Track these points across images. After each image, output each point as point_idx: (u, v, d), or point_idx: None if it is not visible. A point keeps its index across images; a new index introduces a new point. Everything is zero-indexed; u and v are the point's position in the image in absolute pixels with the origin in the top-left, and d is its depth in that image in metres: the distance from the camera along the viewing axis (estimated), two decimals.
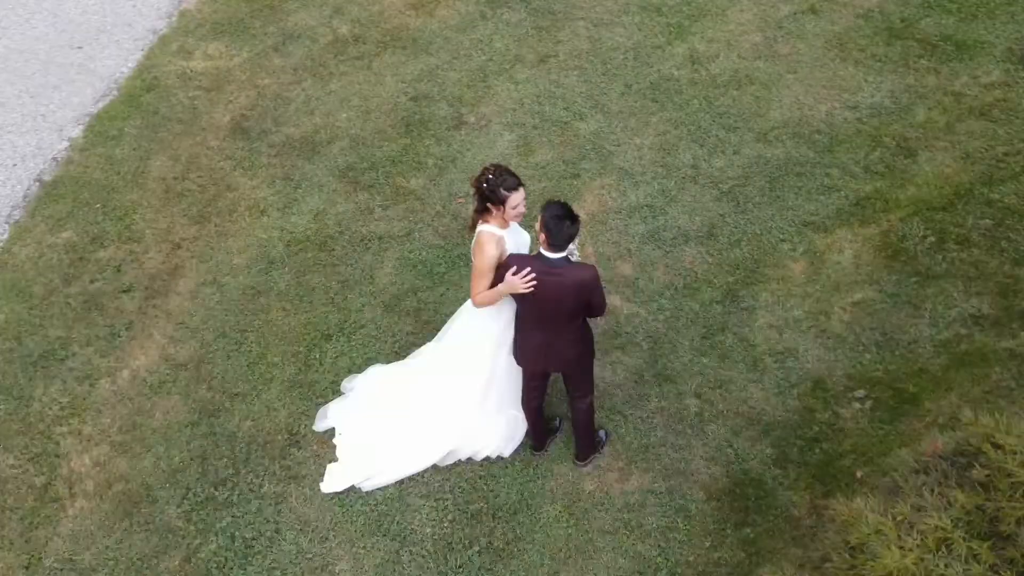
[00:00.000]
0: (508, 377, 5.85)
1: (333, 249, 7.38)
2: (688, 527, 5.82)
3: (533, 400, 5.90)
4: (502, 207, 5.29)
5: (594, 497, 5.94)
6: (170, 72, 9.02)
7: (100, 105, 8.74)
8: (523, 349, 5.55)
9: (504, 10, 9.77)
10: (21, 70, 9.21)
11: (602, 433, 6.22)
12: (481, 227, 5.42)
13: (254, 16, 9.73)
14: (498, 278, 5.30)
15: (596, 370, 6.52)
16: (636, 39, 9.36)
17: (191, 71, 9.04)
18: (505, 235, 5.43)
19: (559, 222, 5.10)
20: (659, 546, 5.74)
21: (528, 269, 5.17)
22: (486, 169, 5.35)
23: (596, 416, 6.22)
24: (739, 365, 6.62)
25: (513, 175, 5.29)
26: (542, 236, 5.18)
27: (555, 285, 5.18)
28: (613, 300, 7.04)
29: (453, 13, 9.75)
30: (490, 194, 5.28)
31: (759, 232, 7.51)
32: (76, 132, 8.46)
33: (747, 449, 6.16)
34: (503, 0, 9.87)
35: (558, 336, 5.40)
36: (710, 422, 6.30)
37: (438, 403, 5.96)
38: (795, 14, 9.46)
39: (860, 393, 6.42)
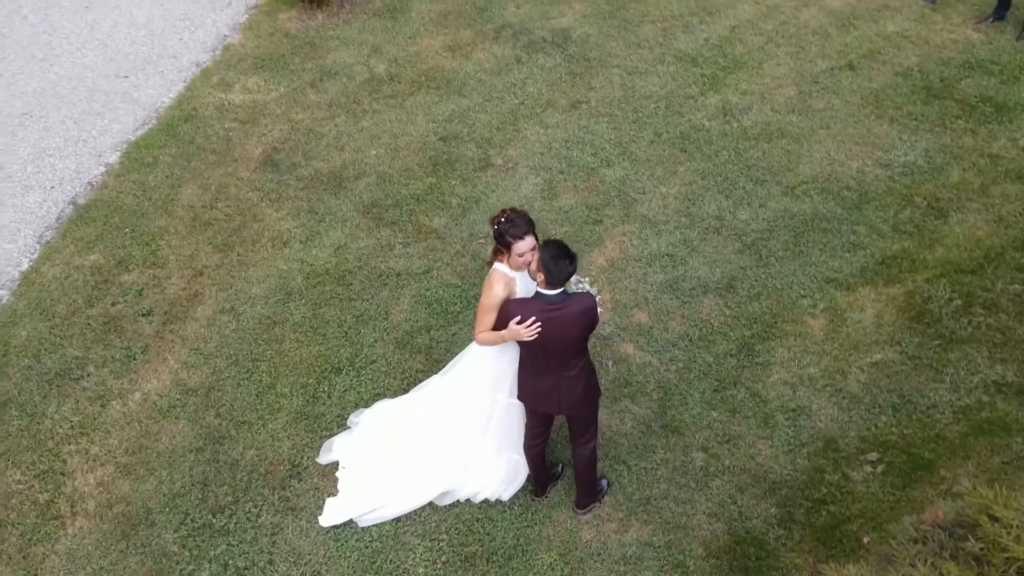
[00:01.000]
0: (509, 419, 5.81)
1: (351, 283, 7.43)
2: None
3: (536, 445, 5.84)
4: (508, 252, 5.28)
5: (591, 547, 5.84)
6: (208, 103, 9.23)
7: (139, 133, 8.96)
8: (533, 392, 5.50)
9: (540, 55, 9.86)
10: (68, 96, 9.50)
11: (604, 482, 6.13)
12: (496, 266, 5.43)
13: (295, 53, 9.95)
14: (499, 321, 5.27)
15: (603, 418, 6.47)
16: (669, 88, 9.38)
17: (229, 103, 9.24)
18: (517, 277, 5.42)
19: (558, 262, 5.09)
20: None
21: (532, 318, 5.14)
22: (503, 211, 5.36)
23: (600, 465, 6.15)
24: (749, 420, 6.50)
25: (526, 223, 5.27)
26: (540, 277, 5.17)
27: (559, 321, 5.15)
28: (626, 348, 6.99)
29: (489, 56, 9.86)
30: (498, 237, 5.28)
31: (780, 286, 7.41)
32: (113, 158, 8.67)
33: (751, 507, 6.02)
34: (540, 46, 9.98)
35: (565, 373, 5.34)
36: (715, 477, 6.18)
37: (436, 438, 5.93)
38: (832, 70, 9.41)
39: (873, 456, 6.26)
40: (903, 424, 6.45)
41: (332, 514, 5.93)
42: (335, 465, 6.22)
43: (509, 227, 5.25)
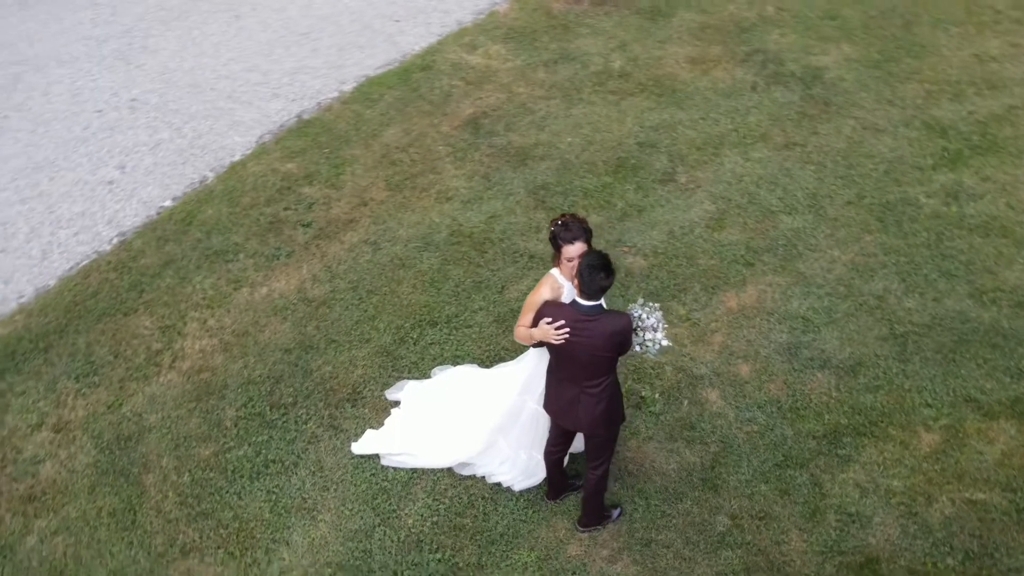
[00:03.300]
0: (535, 424, 5.87)
1: (486, 252, 7.75)
2: None
3: (555, 452, 5.86)
4: (560, 254, 5.33)
5: (571, 563, 5.79)
6: (448, 59, 9.90)
7: (380, 71, 9.81)
8: (554, 402, 5.52)
9: (779, 88, 9.52)
10: (344, 27, 10.59)
11: (616, 511, 6.02)
12: (552, 270, 5.51)
13: (547, 31, 10.35)
14: (534, 321, 5.34)
15: (650, 451, 6.34)
16: (900, 154, 8.70)
17: (464, 63, 9.85)
18: (567, 286, 5.46)
19: (593, 272, 5.06)
20: None
21: (562, 323, 5.17)
22: (563, 215, 5.42)
23: (617, 491, 6.06)
24: (796, 507, 6.05)
25: (581, 230, 5.28)
26: (575, 282, 5.18)
27: (588, 333, 5.13)
28: (710, 394, 6.73)
29: (727, 77, 9.67)
30: (552, 239, 5.35)
31: (908, 387, 6.75)
32: (349, 87, 9.59)
33: None
34: (784, 78, 9.62)
35: (588, 388, 5.31)
36: (729, 548, 5.85)
37: (469, 415, 6.13)
38: None
39: None
40: (969, 573, 5.70)
41: (365, 444, 6.35)
42: (392, 404, 6.61)
43: (562, 231, 5.30)
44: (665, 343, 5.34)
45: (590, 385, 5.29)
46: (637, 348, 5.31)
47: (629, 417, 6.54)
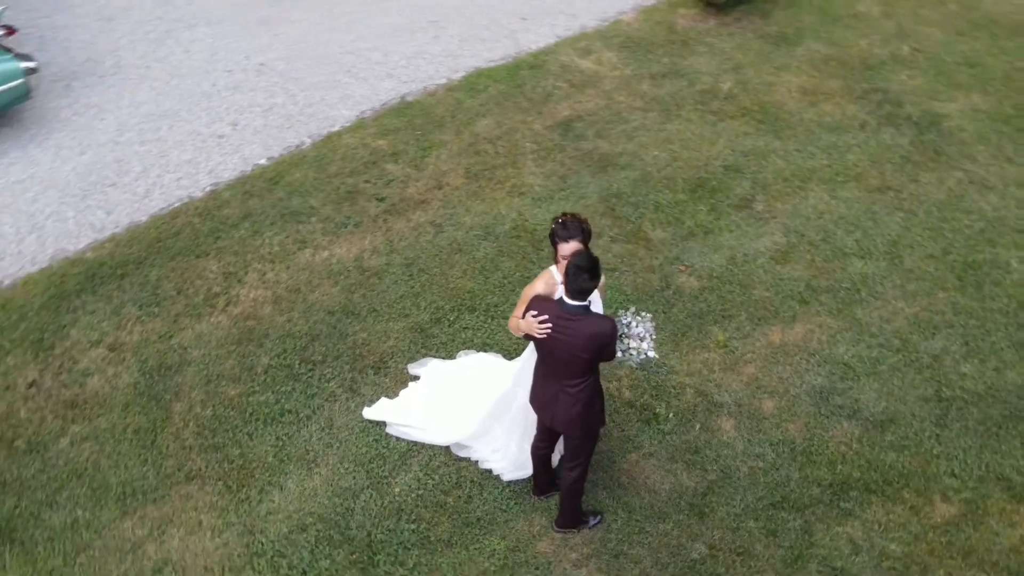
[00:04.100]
0: (525, 416, 5.96)
1: (542, 249, 7.88)
2: None
3: (540, 448, 5.95)
4: (556, 251, 5.43)
5: (538, 559, 5.86)
6: (558, 61, 10.06)
7: (492, 64, 10.09)
8: (537, 397, 5.61)
9: (889, 129, 9.18)
10: (470, 19, 10.92)
11: (594, 519, 6.03)
12: (551, 267, 5.62)
13: (664, 45, 10.34)
14: (524, 313, 5.45)
15: (648, 467, 6.33)
16: (1002, 214, 8.26)
17: (573, 66, 9.99)
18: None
19: (578, 272, 5.12)
20: None
21: (546, 317, 5.27)
22: (564, 214, 5.51)
23: (604, 498, 6.09)
24: (780, 549, 5.89)
25: (579, 230, 5.36)
26: (563, 279, 5.26)
27: (569, 332, 5.21)
28: (725, 423, 6.64)
29: (836, 111, 9.41)
30: (551, 234, 5.45)
31: (936, 453, 6.43)
32: (458, 76, 9.92)
33: None
34: (898, 121, 9.28)
35: (566, 387, 5.38)
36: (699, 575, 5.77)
37: (470, 399, 6.31)
38: None
39: None
40: None
41: (376, 410, 6.63)
42: (412, 378, 6.87)
43: (560, 229, 5.39)
44: (651, 354, 5.34)
45: (569, 384, 5.36)
46: (620, 355, 5.33)
47: (637, 430, 6.55)
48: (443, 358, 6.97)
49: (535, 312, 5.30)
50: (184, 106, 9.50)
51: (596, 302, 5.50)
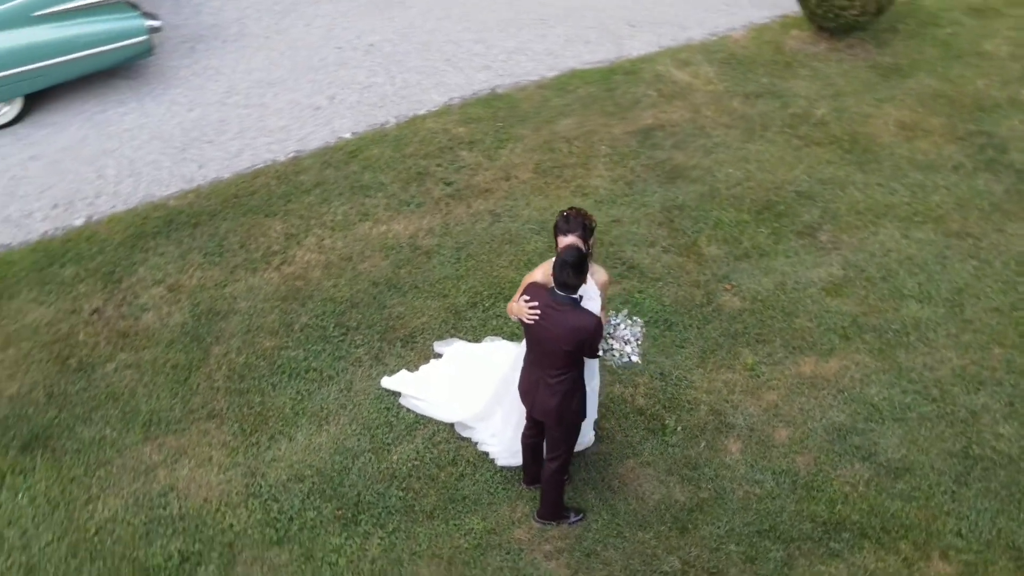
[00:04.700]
0: (519, 401, 6.09)
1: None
2: None
3: (529, 437, 6.05)
4: (556, 242, 5.54)
5: (511, 545, 5.97)
6: (652, 70, 10.07)
7: (588, 66, 10.19)
8: (521, 383, 5.75)
9: (986, 175, 8.80)
10: (581, 22, 11.04)
11: (576, 516, 6.09)
12: (554, 257, 5.73)
13: (766, 65, 10.19)
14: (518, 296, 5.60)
15: (643, 475, 6.35)
16: None
17: (668, 76, 9.98)
18: None
19: (563, 267, 5.21)
20: None
21: (536, 304, 5.40)
22: (571, 208, 5.61)
23: (591, 498, 6.15)
24: None
25: (580, 226, 5.45)
26: (551, 271, 5.36)
27: (554, 321, 5.32)
28: (732, 444, 6.57)
29: (931, 149, 9.07)
30: (554, 226, 5.56)
31: (948, 509, 6.17)
32: (551, 74, 10.07)
33: None
34: (997, 166, 8.91)
35: (547, 377, 5.49)
36: None
37: (476, 381, 6.49)
38: None
39: None
40: None
41: (394, 380, 6.89)
42: (435, 355, 7.10)
43: (562, 222, 5.50)
44: (634, 359, 5.38)
45: (550, 375, 5.46)
46: (601, 353, 5.39)
47: (642, 438, 6.57)
48: (470, 340, 7.16)
49: (527, 297, 5.43)
50: (292, 76, 10.05)
51: (595, 299, 5.58)
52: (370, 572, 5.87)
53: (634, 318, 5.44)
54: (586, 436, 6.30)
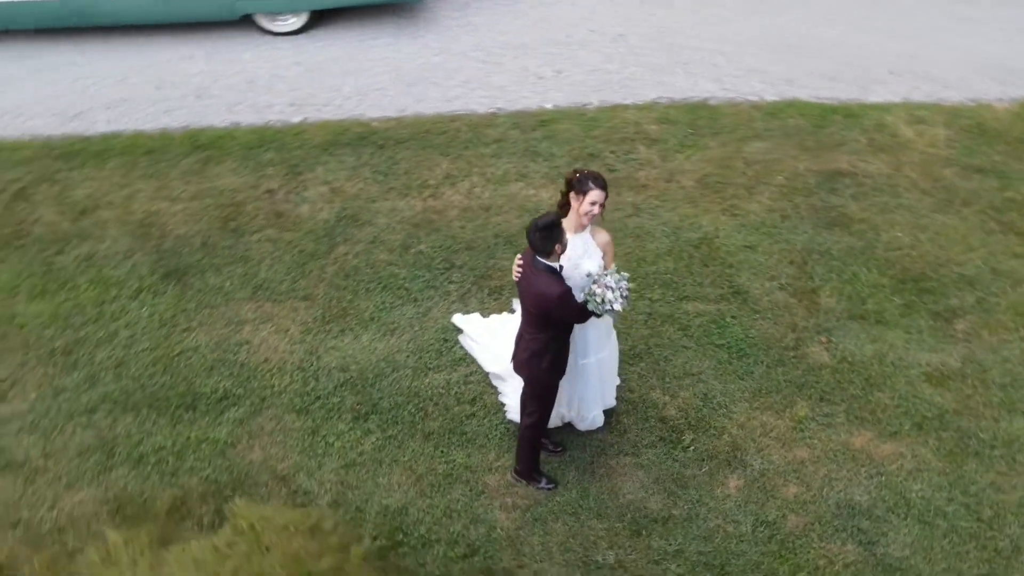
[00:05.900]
0: None
1: (706, 265, 7.93)
2: None
3: None
4: (582, 198, 5.75)
5: (477, 487, 6.38)
6: (883, 118, 9.48)
7: (811, 99, 9.90)
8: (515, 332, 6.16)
9: None
10: (836, 59, 10.69)
11: (547, 484, 6.35)
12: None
13: (1014, 143, 9.32)
14: None
15: (631, 473, 6.49)
16: None
17: (888, 128, 9.44)
18: (571, 239, 5.85)
19: (533, 229, 5.48)
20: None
21: (522, 263, 5.77)
22: (582, 169, 5.82)
23: (572, 474, 6.40)
24: None
25: (604, 183, 5.69)
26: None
27: (527, 282, 5.68)
28: (732, 480, 6.46)
29: None
30: (577, 184, 5.76)
31: None
32: (770, 99, 9.93)
33: None
34: None
35: (524, 332, 5.88)
36: None
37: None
38: None
39: None
40: None
41: (464, 320, 7.39)
42: (510, 311, 7.56)
43: (591, 175, 5.78)
44: (616, 307, 5.51)
45: (528, 331, 5.84)
46: (581, 296, 5.58)
47: (650, 443, 6.68)
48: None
49: (520, 255, 5.80)
50: (534, 45, 10.80)
51: (594, 257, 5.79)
52: (355, 461, 6.59)
53: (623, 273, 5.58)
54: (594, 416, 6.51)
